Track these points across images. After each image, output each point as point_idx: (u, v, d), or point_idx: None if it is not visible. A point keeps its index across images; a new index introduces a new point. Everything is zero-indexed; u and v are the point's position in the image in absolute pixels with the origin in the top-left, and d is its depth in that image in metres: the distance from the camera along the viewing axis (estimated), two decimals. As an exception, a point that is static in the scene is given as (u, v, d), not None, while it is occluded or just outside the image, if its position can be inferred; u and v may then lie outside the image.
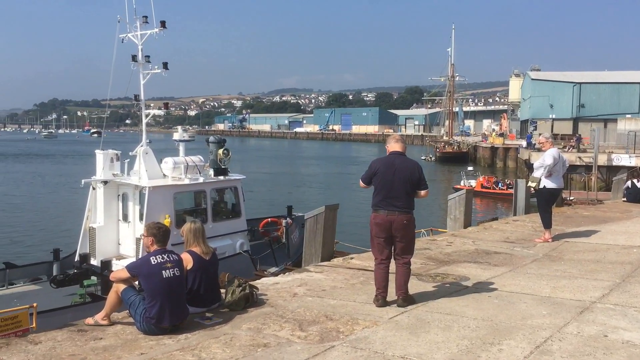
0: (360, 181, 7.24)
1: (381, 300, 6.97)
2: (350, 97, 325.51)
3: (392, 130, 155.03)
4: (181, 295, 6.25)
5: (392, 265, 7.07)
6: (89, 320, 6.37)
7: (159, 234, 6.37)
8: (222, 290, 7.12)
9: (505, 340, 5.73)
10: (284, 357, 5.22)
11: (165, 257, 6.20)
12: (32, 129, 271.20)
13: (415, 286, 7.72)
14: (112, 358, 5.24)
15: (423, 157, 76.87)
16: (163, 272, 6.05)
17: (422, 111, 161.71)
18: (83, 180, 15.76)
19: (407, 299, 7.02)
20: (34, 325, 10.10)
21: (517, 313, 6.74)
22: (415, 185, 6.95)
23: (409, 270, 7.09)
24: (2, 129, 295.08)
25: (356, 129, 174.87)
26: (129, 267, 6.33)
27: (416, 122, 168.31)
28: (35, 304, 10.53)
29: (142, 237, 6.44)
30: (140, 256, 14.18)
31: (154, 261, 6.13)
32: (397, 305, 6.94)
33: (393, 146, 7.17)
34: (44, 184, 50.51)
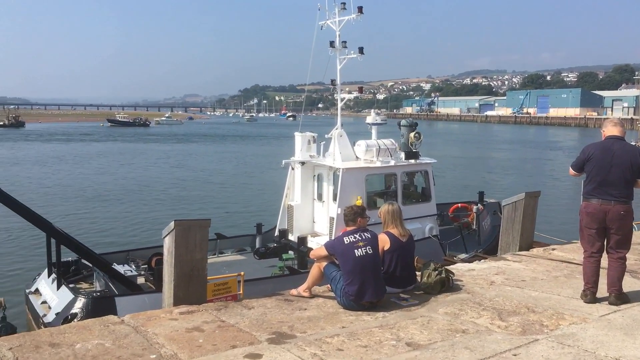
0: (570, 168, 6.69)
1: (590, 296, 6.45)
2: (548, 77, 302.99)
3: (595, 113, 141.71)
4: (377, 273, 6.38)
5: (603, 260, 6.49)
6: (293, 292, 6.82)
7: (347, 214, 6.61)
8: (417, 273, 7.15)
9: None
10: (483, 345, 5.08)
11: (357, 236, 6.37)
12: (236, 113, 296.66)
13: (629, 284, 7.02)
14: (316, 328, 5.55)
15: (633, 143, 69.14)
16: (355, 250, 6.24)
17: (633, 92, 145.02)
18: (283, 161, 16.79)
19: (620, 297, 6.40)
20: (241, 292, 11.11)
21: None
22: (637, 173, 6.26)
23: (624, 265, 6.45)
24: (212, 113, 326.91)
25: (554, 112, 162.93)
26: (326, 246, 6.62)
27: (625, 104, 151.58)
28: (242, 273, 11.58)
29: None
30: (333, 234, 14.81)
31: (347, 240, 6.34)
32: (609, 302, 6.37)
33: (610, 130, 6.52)
34: (249, 163, 55.05)
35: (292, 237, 16.35)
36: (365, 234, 6.50)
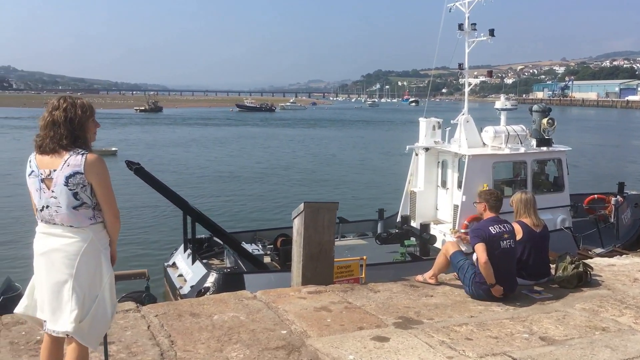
0: None
1: None
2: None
3: None
4: (513, 267, 6.14)
5: None
6: (419, 278, 6.75)
7: (491, 199, 6.31)
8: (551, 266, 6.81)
9: None
10: (627, 345, 4.74)
11: (502, 227, 6.10)
12: (358, 98, 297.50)
13: None
14: (443, 315, 5.47)
15: None
16: (501, 242, 5.99)
17: None
18: (407, 147, 16.64)
19: None
20: (363, 275, 11.22)
21: None
22: None
23: None
24: (335, 98, 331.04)
25: None
26: (475, 234, 6.19)
27: None
28: (365, 257, 11.68)
29: (475, 203, 6.47)
30: (457, 222, 14.50)
31: (494, 230, 6.07)
32: None
33: None
34: (371, 148, 55.21)
35: (415, 224, 16.21)
36: (508, 225, 6.19)
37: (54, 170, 3.25)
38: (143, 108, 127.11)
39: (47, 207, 3.29)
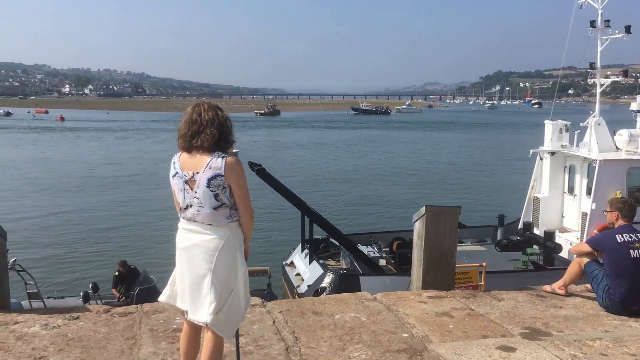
0: None
1: None
2: None
3: None
4: None
5: None
6: (547, 288, 6.44)
7: (624, 208, 5.90)
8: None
9: None
10: None
11: (633, 235, 5.71)
12: (477, 101, 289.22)
13: None
14: (574, 329, 5.18)
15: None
16: (631, 251, 5.59)
17: None
18: (531, 150, 16.01)
19: None
20: (482, 282, 10.87)
21: None
22: None
23: None
24: (452, 101, 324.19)
25: None
26: (591, 241, 6.07)
27: None
28: (484, 264, 11.32)
29: (605, 212, 6.09)
30: (586, 231, 13.70)
31: (620, 239, 5.68)
32: None
33: None
34: (492, 151, 53.56)
35: (538, 231, 15.56)
36: None
37: (197, 173, 3.45)
38: (263, 112, 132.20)
39: (190, 206, 3.51)
